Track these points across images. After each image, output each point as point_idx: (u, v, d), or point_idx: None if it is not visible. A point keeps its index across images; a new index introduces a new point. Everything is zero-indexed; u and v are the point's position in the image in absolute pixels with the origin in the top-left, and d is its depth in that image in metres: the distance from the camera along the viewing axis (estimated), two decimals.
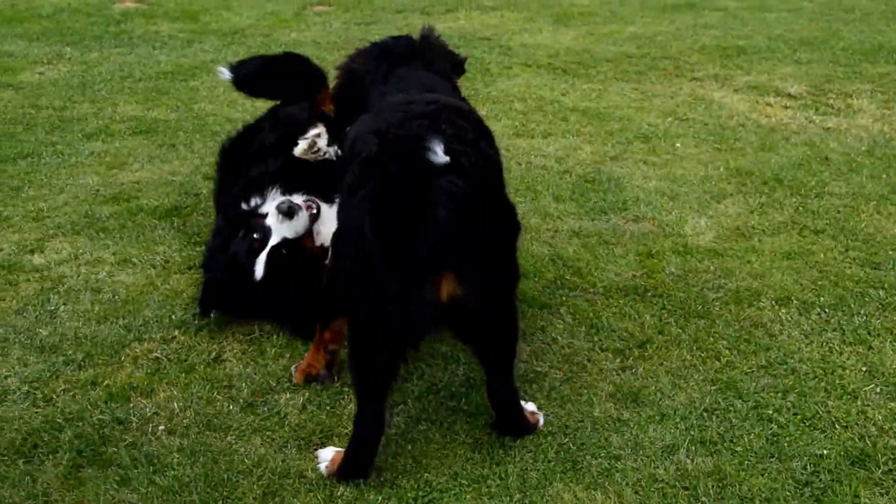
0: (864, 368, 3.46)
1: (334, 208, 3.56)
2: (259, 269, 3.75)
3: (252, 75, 4.55)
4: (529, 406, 3.26)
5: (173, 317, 3.85)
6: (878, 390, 3.34)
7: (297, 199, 3.86)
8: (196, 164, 5.34)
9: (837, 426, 3.17)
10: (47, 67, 7.13)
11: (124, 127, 5.87)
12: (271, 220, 3.79)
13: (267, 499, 2.90)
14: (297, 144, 3.93)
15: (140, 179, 5.12)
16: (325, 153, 3.92)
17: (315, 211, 3.85)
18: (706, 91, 6.36)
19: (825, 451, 3.05)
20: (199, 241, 4.42)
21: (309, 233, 3.82)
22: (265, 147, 4.24)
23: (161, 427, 3.23)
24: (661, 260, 4.20)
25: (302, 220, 3.78)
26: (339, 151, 3.78)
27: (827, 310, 3.83)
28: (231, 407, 3.33)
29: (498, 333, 3.05)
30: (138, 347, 3.67)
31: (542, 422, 3.22)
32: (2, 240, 4.47)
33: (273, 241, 3.76)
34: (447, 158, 2.66)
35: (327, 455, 3.07)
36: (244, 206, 3.98)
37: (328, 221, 3.76)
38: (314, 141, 3.90)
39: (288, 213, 3.74)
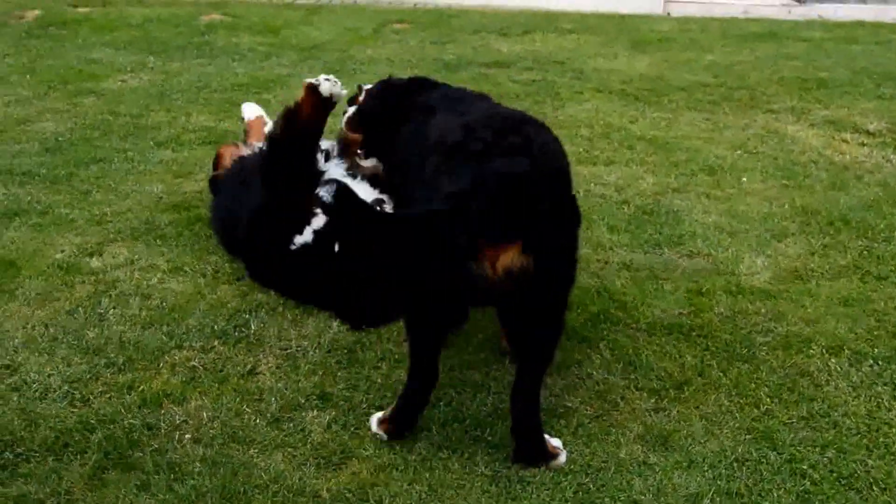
0: None
1: None
2: None
3: None
4: (554, 441, 3.20)
5: (215, 326, 3.90)
6: None
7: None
8: None
9: (875, 487, 3.02)
10: (130, 76, 7.35)
11: (195, 137, 6.01)
12: None
13: None
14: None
15: (203, 189, 5.21)
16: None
17: None
18: (781, 124, 6.16)
19: None
20: None
21: None
22: None
23: (188, 436, 3.27)
24: (711, 299, 4.08)
25: None
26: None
27: (880, 362, 3.66)
28: (258, 420, 3.36)
29: (541, 331, 3.08)
30: (177, 355, 3.73)
31: (563, 459, 3.15)
32: (64, 241, 4.62)
33: None
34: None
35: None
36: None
37: None
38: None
39: None
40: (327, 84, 3.85)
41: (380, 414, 3.31)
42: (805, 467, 3.11)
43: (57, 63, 7.62)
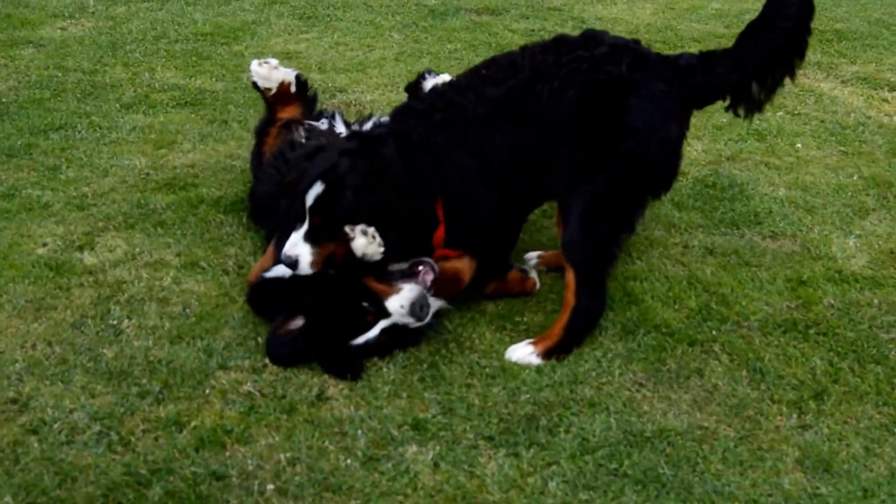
0: None
1: None
2: None
3: None
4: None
5: (259, 339, 3.25)
6: None
7: None
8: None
9: None
10: (69, 22, 6.40)
11: (166, 97, 5.21)
12: None
13: None
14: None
15: (194, 163, 4.49)
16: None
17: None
18: (812, 82, 5.74)
19: None
20: None
21: None
22: None
23: (269, 486, 2.68)
24: (816, 289, 3.65)
25: None
26: None
27: None
28: (348, 461, 2.77)
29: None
30: (224, 378, 3.09)
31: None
32: (44, 232, 3.85)
33: None
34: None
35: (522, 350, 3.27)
36: None
37: None
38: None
39: None
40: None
41: (526, 350, 3.31)
42: None
43: None
